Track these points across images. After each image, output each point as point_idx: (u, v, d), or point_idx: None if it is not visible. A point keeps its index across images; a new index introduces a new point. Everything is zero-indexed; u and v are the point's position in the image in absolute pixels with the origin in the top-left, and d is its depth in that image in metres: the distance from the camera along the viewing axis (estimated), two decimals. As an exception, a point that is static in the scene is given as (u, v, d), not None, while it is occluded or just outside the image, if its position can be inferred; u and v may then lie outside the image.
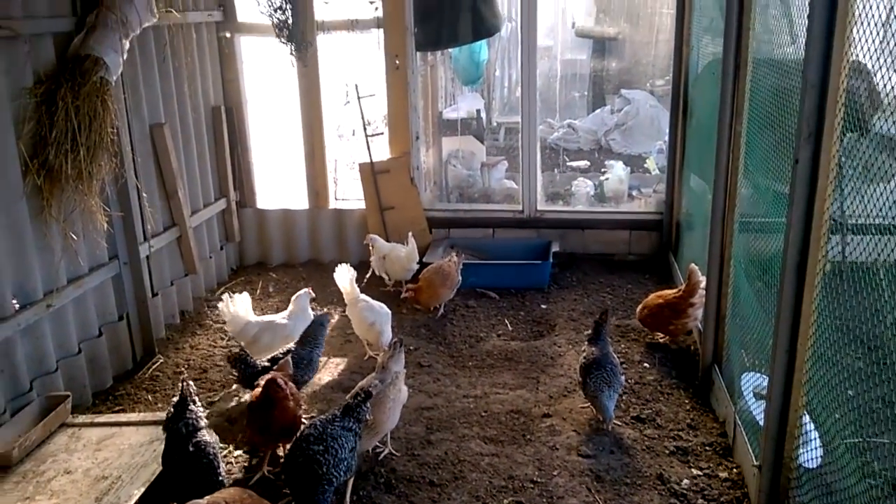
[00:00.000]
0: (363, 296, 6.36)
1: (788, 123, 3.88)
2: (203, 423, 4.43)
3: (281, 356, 5.30)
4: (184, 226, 7.29)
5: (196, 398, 4.55)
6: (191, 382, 4.62)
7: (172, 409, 4.42)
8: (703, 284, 5.87)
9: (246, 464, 4.94)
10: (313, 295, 6.44)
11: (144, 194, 6.48)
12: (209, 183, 8.13)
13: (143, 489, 4.35)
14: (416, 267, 7.64)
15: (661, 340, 6.48)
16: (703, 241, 6.08)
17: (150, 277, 6.72)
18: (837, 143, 3.31)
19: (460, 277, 7.19)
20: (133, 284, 6.38)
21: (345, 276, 6.45)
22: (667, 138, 8.72)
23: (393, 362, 4.93)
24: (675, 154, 8.13)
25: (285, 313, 6.20)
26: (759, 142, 4.72)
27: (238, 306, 6.02)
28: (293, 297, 6.27)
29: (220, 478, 4.21)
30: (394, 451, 4.93)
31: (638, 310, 6.50)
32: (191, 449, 4.17)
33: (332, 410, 4.44)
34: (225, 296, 6.10)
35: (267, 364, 5.26)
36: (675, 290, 6.27)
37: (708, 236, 5.50)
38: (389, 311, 6.34)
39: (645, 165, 11.25)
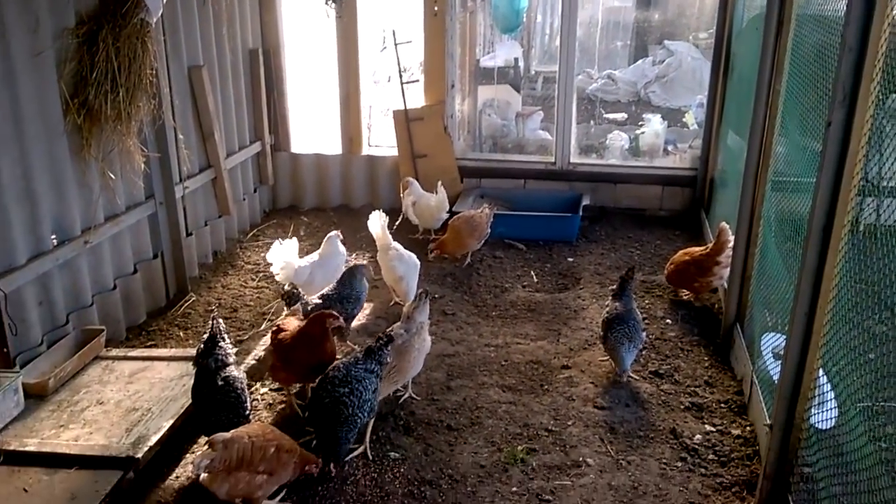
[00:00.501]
0: (395, 244, 6.42)
1: (828, 83, 3.81)
2: (232, 359, 4.58)
3: (330, 293, 5.54)
4: (219, 168, 7.41)
5: (226, 335, 4.69)
6: (220, 320, 4.76)
7: (202, 345, 4.57)
8: (731, 244, 5.84)
9: (270, 401, 5.10)
10: (342, 238, 6.53)
11: (181, 136, 6.59)
12: (245, 126, 8.22)
13: (172, 422, 4.53)
14: (445, 216, 7.68)
15: (685, 297, 6.48)
16: (735, 199, 6.02)
17: (184, 217, 6.87)
18: (872, 107, 3.25)
19: (489, 230, 7.21)
20: (168, 224, 6.53)
21: (377, 222, 6.49)
22: (707, 92, 8.56)
23: (418, 313, 4.98)
24: (714, 109, 8.00)
25: (316, 254, 6.39)
26: (797, 100, 4.64)
27: (287, 253, 6.18)
28: (325, 239, 6.39)
29: (247, 412, 4.37)
30: (414, 396, 5.05)
31: (667, 266, 6.50)
32: (220, 383, 4.33)
33: (355, 353, 4.56)
34: (275, 243, 6.24)
35: (318, 301, 5.44)
36: (702, 248, 6.25)
37: (740, 194, 5.45)
38: (419, 263, 6.39)
39: (683, 119, 11.06)
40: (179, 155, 6.66)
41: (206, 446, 3.76)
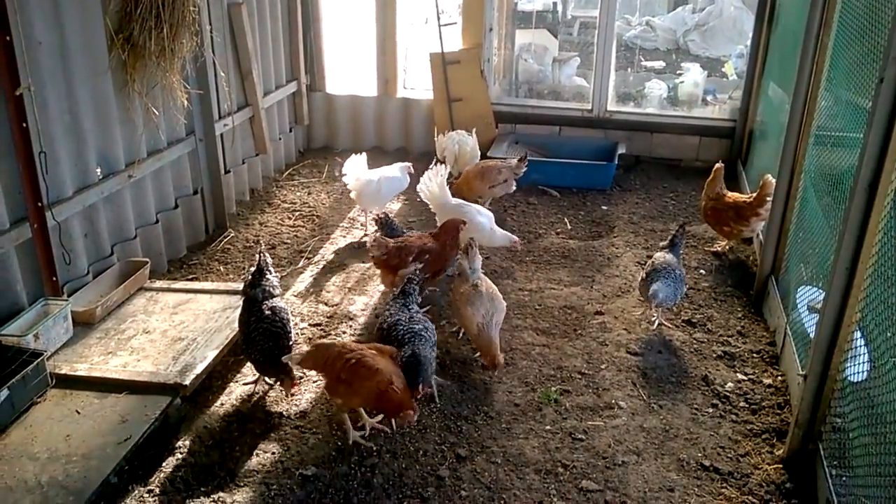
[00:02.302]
0: (455, 200, 6.35)
1: (881, 38, 3.75)
2: (277, 291, 4.71)
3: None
4: (256, 106, 7.45)
5: (272, 268, 4.81)
6: (267, 253, 4.87)
7: (250, 277, 4.69)
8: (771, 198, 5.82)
9: (310, 336, 5.23)
10: (412, 171, 6.94)
11: (222, 73, 6.62)
12: (281, 65, 8.23)
13: (217, 352, 4.68)
14: (476, 161, 7.67)
15: (718, 249, 6.49)
16: (776, 152, 5.98)
17: (223, 155, 6.95)
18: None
19: (512, 182, 7.14)
20: (208, 160, 6.62)
21: (435, 179, 6.33)
22: (749, 43, 8.41)
23: (471, 262, 4.93)
24: (756, 60, 7.87)
25: (384, 170, 6.91)
26: (845, 54, 4.57)
27: (359, 165, 6.74)
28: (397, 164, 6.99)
29: (291, 341, 4.52)
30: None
31: (704, 202, 6.47)
32: (266, 312, 4.46)
33: (392, 303, 4.66)
34: (351, 157, 6.80)
35: (406, 231, 5.76)
36: (746, 196, 6.22)
37: (781, 147, 5.42)
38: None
39: (723, 70, 10.89)
40: (219, 92, 6.71)
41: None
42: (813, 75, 5.08)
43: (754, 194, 6.05)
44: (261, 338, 4.39)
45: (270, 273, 4.76)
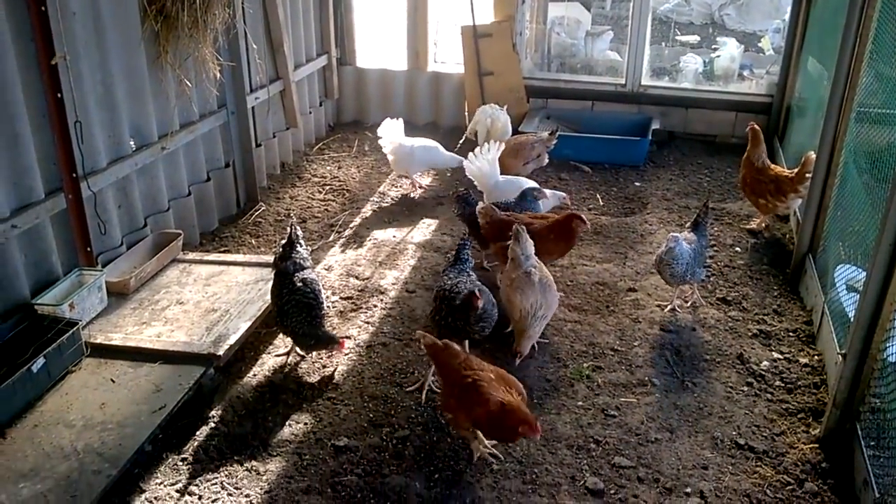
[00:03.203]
0: (503, 176, 6.35)
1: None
2: (309, 263, 4.72)
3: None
4: (287, 80, 7.43)
5: (302, 241, 4.81)
6: (297, 226, 4.87)
7: (281, 249, 4.70)
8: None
9: (341, 309, 5.24)
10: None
11: (254, 46, 6.60)
12: (312, 39, 8.19)
13: (250, 323, 4.71)
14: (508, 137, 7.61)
15: (754, 226, 6.39)
16: (814, 128, 5.86)
17: (254, 128, 6.95)
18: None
19: (545, 156, 7.09)
20: (239, 133, 6.62)
21: (485, 155, 6.27)
22: (787, 17, 8.22)
23: (520, 247, 4.68)
24: (794, 35, 7.68)
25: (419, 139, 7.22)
26: (891, 27, 4.43)
27: (395, 130, 7.00)
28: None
29: (323, 311, 4.54)
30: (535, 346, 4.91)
31: (744, 171, 6.33)
32: (298, 284, 4.48)
33: (450, 269, 4.68)
34: (385, 121, 7.05)
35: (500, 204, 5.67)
36: (788, 171, 6.09)
37: (821, 124, 5.30)
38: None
39: (759, 44, 10.67)
40: (251, 65, 6.70)
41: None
42: (856, 50, 4.95)
43: (796, 170, 5.92)
44: (294, 310, 4.41)
45: (301, 246, 4.77)
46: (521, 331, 4.47)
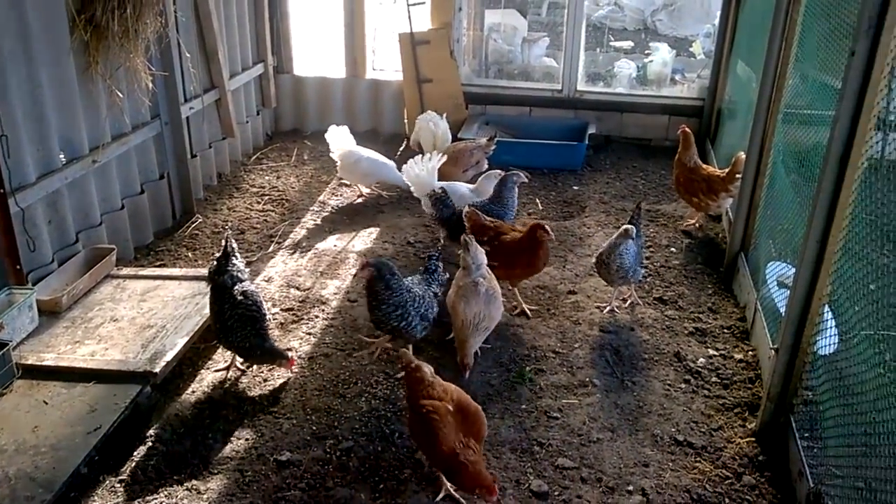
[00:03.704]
0: (440, 182, 6.30)
1: (848, 13, 3.77)
2: (246, 275, 4.65)
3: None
4: (223, 88, 7.32)
5: (237, 253, 4.74)
6: (232, 238, 4.79)
7: (216, 263, 4.62)
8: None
9: (282, 321, 5.18)
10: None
11: (188, 55, 6.49)
12: (247, 47, 8.09)
13: (187, 339, 4.61)
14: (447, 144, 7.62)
15: (690, 225, 6.54)
16: (744, 130, 6.02)
17: (189, 138, 6.83)
18: (896, 38, 3.24)
19: (484, 162, 7.12)
20: (174, 144, 6.50)
21: (424, 164, 6.24)
22: (716, 22, 8.44)
23: (475, 256, 4.67)
24: (724, 39, 7.90)
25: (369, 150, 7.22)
26: (814, 31, 4.60)
27: (342, 137, 7.09)
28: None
29: (267, 324, 4.49)
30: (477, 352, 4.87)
31: (677, 170, 6.50)
32: (239, 297, 4.41)
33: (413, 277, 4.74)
34: (331, 127, 7.11)
35: (461, 209, 5.63)
36: (720, 171, 6.26)
37: (750, 125, 5.45)
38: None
39: (690, 49, 10.94)
40: (185, 74, 6.58)
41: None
42: (782, 53, 5.11)
43: (727, 170, 6.09)
44: (238, 324, 4.34)
45: (237, 258, 4.69)
46: (462, 341, 4.48)
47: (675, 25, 12.59)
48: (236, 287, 4.46)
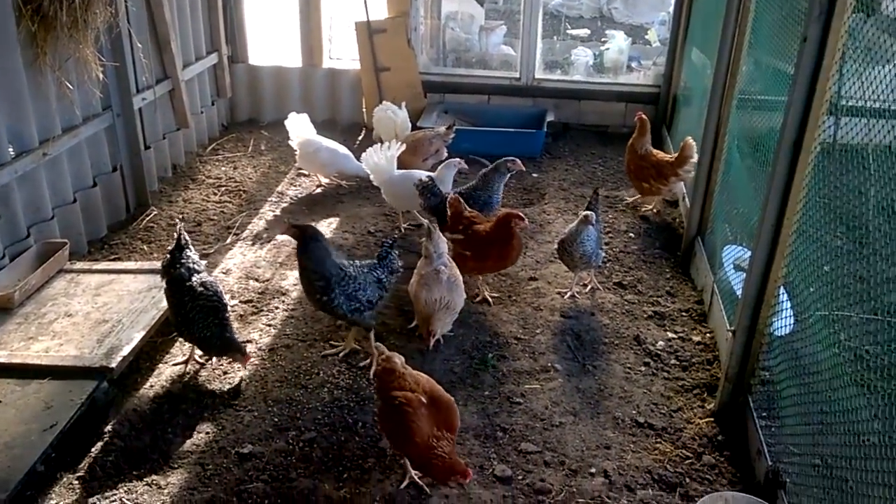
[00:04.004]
0: (399, 171, 6.28)
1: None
2: (202, 266, 4.58)
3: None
4: (176, 79, 7.19)
5: (191, 245, 4.64)
6: (184, 230, 4.69)
7: (169, 256, 4.54)
8: (693, 160, 5.95)
9: (241, 313, 5.12)
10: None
11: (139, 45, 6.35)
12: (201, 36, 7.94)
13: (144, 333, 4.53)
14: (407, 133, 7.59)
15: (647, 210, 6.62)
16: (699, 116, 6.10)
17: (142, 130, 6.69)
18: (846, 23, 3.30)
19: (444, 151, 7.08)
20: (126, 136, 6.37)
21: (384, 152, 6.22)
22: (671, 9, 8.53)
23: (432, 244, 4.69)
24: (678, 26, 7.98)
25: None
26: (767, 18, 4.66)
27: (302, 125, 7.01)
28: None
29: (228, 312, 4.44)
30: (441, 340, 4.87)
31: (628, 156, 6.59)
32: (199, 289, 4.34)
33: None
34: (291, 114, 7.02)
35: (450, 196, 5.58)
36: (669, 157, 6.35)
37: (705, 111, 5.52)
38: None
39: (646, 37, 11.03)
40: (136, 65, 6.44)
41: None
42: (735, 39, 5.17)
43: (676, 154, 6.18)
44: (200, 315, 4.28)
45: (190, 249, 4.61)
46: (425, 318, 4.49)
47: (631, 13, 12.70)
48: (194, 278, 4.39)
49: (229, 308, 4.50)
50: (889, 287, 3.04)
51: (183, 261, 4.48)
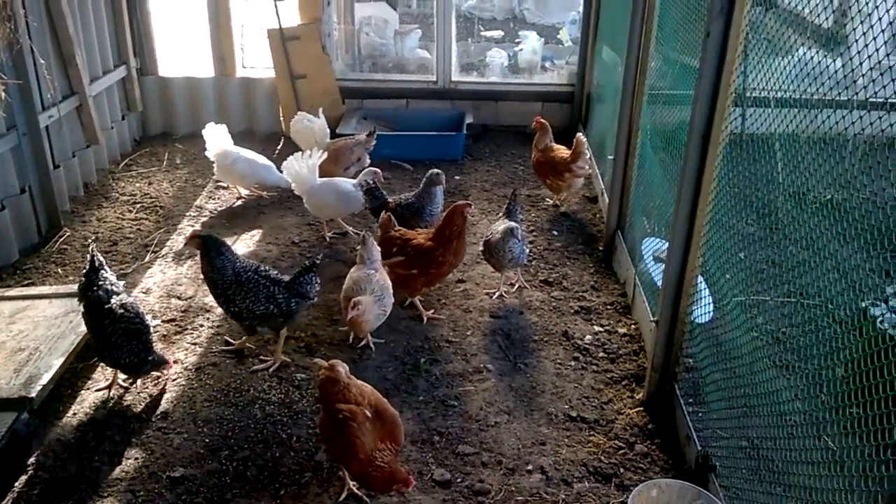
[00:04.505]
0: (320, 179, 6.22)
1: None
2: (120, 287, 4.44)
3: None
4: (83, 94, 6.94)
5: (105, 266, 4.49)
6: (97, 251, 4.52)
7: (84, 279, 4.37)
8: (586, 155, 6.31)
9: (164, 333, 4.98)
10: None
11: (42, 61, 6.10)
12: (107, 49, 7.70)
13: (63, 359, 4.36)
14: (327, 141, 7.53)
15: (551, 204, 6.82)
16: (612, 113, 6.25)
17: (50, 148, 6.44)
18: (747, 17, 3.43)
19: (366, 158, 7.05)
20: (34, 155, 6.11)
21: (305, 161, 6.16)
22: (581, 9, 8.70)
23: (366, 252, 4.75)
24: (588, 25, 8.16)
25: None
26: (671, 14, 4.81)
27: (219, 136, 6.85)
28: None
29: (151, 333, 4.34)
30: (372, 346, 4.85)
31: (533, 154, 6.83)
32: (119, 311, 4.21)
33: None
34: (209, 124, 6.87)
35: (390, 201, 5.84)
36: (566, 153, 6.52)
37: (618, 108, 5.66)
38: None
39: (558, 36, 11.23)
40: (41, 81, 6.20)
41: None
42: (642, 37, 5.32)
43: (570, 152, 6.37)
44: (123, 339, 4.15)
45: (106, 270, 4.46)
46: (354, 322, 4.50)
47: (542, 14, 12.91)
48: (113, 300, 4.26)
49: (152, 329, 4.38)
50: (801, 270, 3.18)
51: (100, 283, 4.33)
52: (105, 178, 7.40)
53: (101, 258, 4.51)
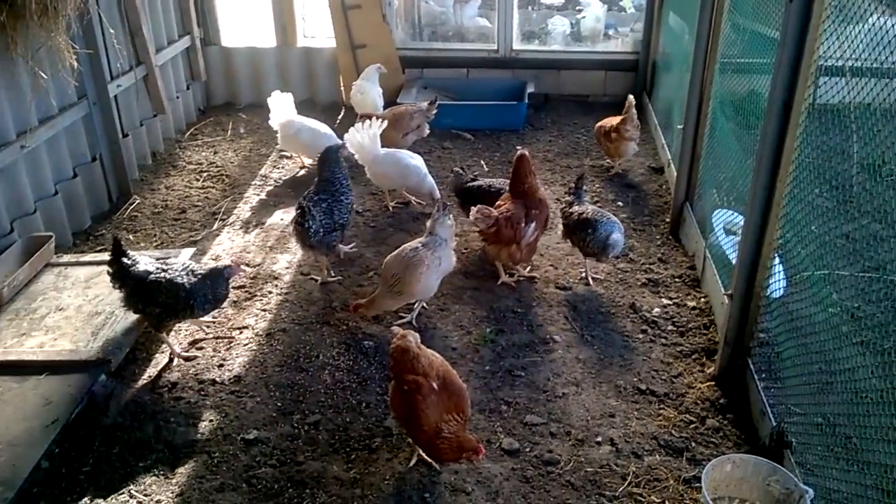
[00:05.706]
0: (384, 149, 6.20)
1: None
2: (153, 263, 4.44)
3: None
4: (150, 64, 7.06)
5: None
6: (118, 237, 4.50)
7: (114, 267, 4.36)
8: (635, 120, 6.38)
9: (235, 299, 5.07)
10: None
11: (111, 31, 6.21)
12: (172, 19, 7.81)
13: (139, 323, 4.48)
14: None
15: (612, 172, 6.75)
16: (679, 82, 6.11)
17: (119, 118, 6.57)
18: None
19: (425, 126, 7.01)
20: (104, 124, 6.25)
21: (367, 131, 6.09)
22: (646, -25, 8.48)
23: (439, 227, 4.68)
24: (654, -8, 7.96)
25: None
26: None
27: (284, 105, 6.89)
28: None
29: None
30: (414, 323, 4.79)
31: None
32: (162, 276, 4.28)
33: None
34: (275, 92, 6.88)
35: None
36: (616, 119, 6.54)
37: (687, 77, 5.52)
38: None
39: (621, 3, 10.97)
40: (109, 51, 6.31)
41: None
42: (716, 4, 5.16)
43: (621, 117, 6.44)
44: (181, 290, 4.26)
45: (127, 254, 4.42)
46: (375, 298, 4.62)
47: (604, -21, 12.62)
48: (150, 277, 4.28)
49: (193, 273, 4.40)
50: (879, 245, 3.08)
51: (137, 262, 4.35)
52: (172, 147, 7.54)
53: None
